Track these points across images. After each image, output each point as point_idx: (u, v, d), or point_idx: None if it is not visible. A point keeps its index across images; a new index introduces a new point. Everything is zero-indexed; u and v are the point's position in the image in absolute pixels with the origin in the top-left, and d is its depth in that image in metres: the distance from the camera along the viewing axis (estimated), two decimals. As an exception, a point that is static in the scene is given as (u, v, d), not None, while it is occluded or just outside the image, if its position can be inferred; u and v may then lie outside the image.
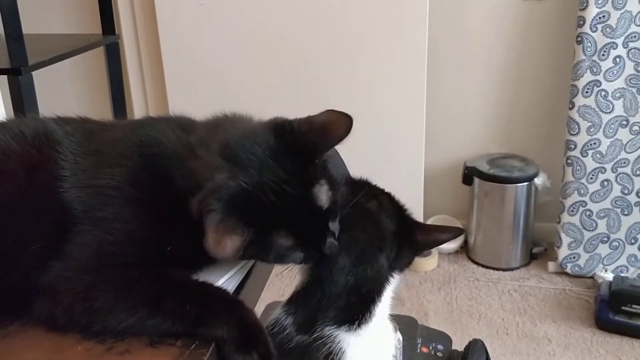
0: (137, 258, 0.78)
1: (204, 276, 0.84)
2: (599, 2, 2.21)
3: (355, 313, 0.85)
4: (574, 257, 2.49)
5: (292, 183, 0.78)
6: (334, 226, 0.84)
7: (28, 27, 1.81)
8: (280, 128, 0.81)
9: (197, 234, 0.79)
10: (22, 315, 0.79)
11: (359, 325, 0.85)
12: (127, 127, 0.92)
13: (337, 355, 0.83)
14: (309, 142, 0.80)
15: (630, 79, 2.30)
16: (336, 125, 0.81)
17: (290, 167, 0.78)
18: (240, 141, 0.80)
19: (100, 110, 2.75)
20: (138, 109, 2.68)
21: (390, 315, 0.93)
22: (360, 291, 0.85)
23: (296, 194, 0.78)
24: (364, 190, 0.91)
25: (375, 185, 0.95)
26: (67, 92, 2.87)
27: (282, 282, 0.94)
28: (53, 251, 0.79)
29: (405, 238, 0.90)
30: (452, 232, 0.97)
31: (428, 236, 0.93)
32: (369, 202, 0.91)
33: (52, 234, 0.80)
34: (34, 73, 1.79)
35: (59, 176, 0.82)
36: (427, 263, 2.61)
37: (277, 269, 0.90)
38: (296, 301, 0.89)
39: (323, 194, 0.81)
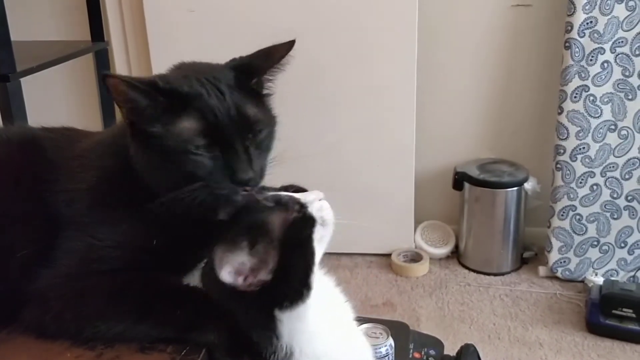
0: (126, 262, 0.77)
1: (195, 280, 0.84)
2: (587, 7, 2.23)
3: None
4: (564, 262, 2.50)
5: (225, 84, 0.82)
6: (254, 149, 0.82)
7: (16, 33, 1.80)
8: (231, 60, 0.90)
9: (184, 230, 0.79)
10: (11, 322, 0.79)
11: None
12: (105, 132, 0.93)
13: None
14: (252, 63, 0.87)
15: (618, 84, 2.32)
16: (278, 48, 0.88)
17: (230, 77, 0.84)
18: (190, 66, 0.90)
19: (89, 117, 2.74)
20: (127, 116, 2.67)
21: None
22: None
23: (223, 90, 0.81)
24: None
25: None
26: (56, 99, 2.85)
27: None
28: (41, 257, 0.78)
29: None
30: None
31: None
32: None
33: (40, 240, 0.79)
34: (22, 80, 1.78)
35: (44, 182, 0.81)
36: (419, 268, 2.61)
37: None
38: None
39: (249, 107, 0.82)
